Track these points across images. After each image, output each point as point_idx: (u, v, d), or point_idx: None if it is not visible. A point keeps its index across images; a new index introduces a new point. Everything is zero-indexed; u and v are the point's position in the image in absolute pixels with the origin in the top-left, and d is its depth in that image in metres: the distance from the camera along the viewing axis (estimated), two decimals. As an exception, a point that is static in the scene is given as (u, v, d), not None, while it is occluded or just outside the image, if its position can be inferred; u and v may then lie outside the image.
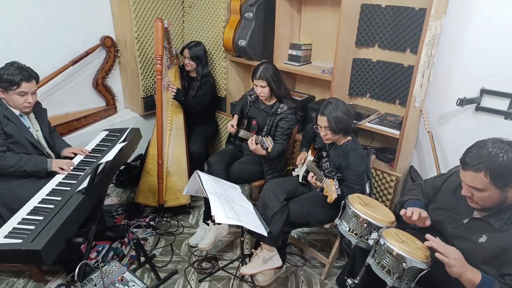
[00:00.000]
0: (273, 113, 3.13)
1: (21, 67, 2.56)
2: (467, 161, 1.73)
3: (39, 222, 2.05)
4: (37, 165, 2.60)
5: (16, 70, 2.52)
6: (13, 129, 2.58)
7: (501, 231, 1.75)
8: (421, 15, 2.79)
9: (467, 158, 1.74)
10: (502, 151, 1.66)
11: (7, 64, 2.56)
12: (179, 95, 3.56)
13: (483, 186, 1.71)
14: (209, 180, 2.50)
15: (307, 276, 2.98)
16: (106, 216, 3.33)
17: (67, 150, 2.91)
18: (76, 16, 3.62)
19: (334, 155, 2.69)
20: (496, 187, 1.69)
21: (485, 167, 1.67)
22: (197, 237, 3.21)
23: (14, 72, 2.51)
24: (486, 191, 1.71)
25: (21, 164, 2.54)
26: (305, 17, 3.57)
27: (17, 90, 2.52)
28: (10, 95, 2.54)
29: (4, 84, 2.51)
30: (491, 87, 2.81)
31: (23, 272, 2.86)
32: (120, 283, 2.10)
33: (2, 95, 2.57)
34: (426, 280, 1.79)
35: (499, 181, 1.67)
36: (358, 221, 2.05)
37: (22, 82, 2.52)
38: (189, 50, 3.63)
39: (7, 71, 2.51)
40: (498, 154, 1.65)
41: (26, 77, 2.55)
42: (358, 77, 3.30)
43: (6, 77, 2.50)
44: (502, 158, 1.64)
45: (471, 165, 1.71)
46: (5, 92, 2.54)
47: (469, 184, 1.76)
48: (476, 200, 1.78)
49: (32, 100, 2.62)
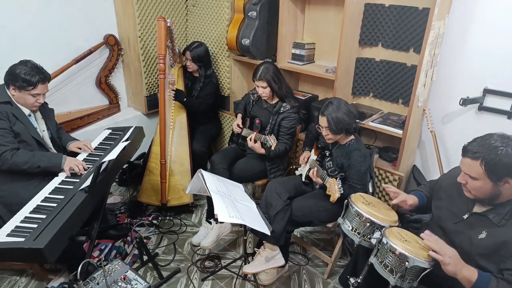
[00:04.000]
0: (276, 112, 3.13)
1: (36, 67, 2.54)
2: (468, 148, 1.78)
3: (42, 220, 2.05)
4: (51, 160, 2.55)
5: (33, 70, 2.50)
6: (20, 128, 2.56)
7: (500, 226, 1.77)
8: (424, 14, 2.79)
9: (469, 145, 1.79)
10: (503, 145, 1.68)
11: (22, 62, 2.53)
12: (179, 96, 3.56)
13: (477, 175, 1.74)
14: (212, 179, 2.50)
15: (310, 275, 2.97)
16: (109, 215, 3.34)
17: (73, 144, 2.89)
18: (79, 14, 3.62)
19: (337, 154, 2.68)
20: (489, 179, 1.71)
21: (481, 156, 1.70)
22: (200, 236, 3.21)
23: (31, 72, 2.48)
24: (479, 181, 1.74)
25: (35, 160, 2.51)
26: (309, 16, 3.57)
27: (32, 91, 2.51)
28: (23, 94, 2.51)
29: (20, 83, 2.48)
30: (494, 87, 2.80)
31: (26, 270, 2.87)
32: (123, 281, 2.09)
33: (14, 93, 2.54)
34: (429, 279, 1.79)
35: (493, 173, 1.70)
36: (361, 220, 2.05)
37: (38, 84, 2.51)
38: (191, 52, 3.62)
39: (24, 70, 2.47)
40: (498, 147, 1.68)
41: (43, 79, 2.53)
42: (361, 77, 3.30)
43: (23, 76, 2.47)
44: (500, 151, 1.67)
45: (470, 152, 1.75)
46: (18, 90, 2.51)
47: (465, 171, 1.80)
48: (469, 189, 1.81)
49: (42, 100, 2.61)
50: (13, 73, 2.49)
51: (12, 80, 2.50)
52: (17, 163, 2.48)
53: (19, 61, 2.55)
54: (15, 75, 2.48)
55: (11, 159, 2.46)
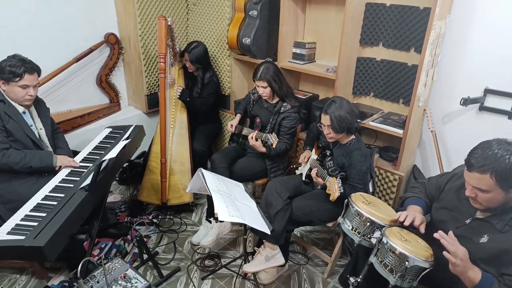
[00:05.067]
0: (276, 111, 3.12)
1: (23, 59, 2.54)
2: (472, 162, 1.72)
3: (42, 218, 2.05)
4: (43, 160, 2.56)
5: (19, 62, 2.50)
6: (13, 126, 2.55)
7: (503, 232, 1.75)
8: (425, 14, 2.79)
9: (472, 159, 1.72)
10: (508, 152, 1.65)
11: (9, 56, 2.54)
12: (184, 95, 3.56)
13: (488, 188, 1.69)
14: (213, 178, 2.50)
15: (310, 274, 2.97)
16: (109, 213, 3.34)
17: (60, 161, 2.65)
18: (80, 13, 3.62)
19: (338, 154, 2.68)
20: (501, 189, 1.68)
21: (491, 168, 1.65)
22: (200, 235, 3.21)
23: (16, 63, 2.49)
24: (491, 193, 1.70)
25: (26, 160, 2.51)
26: (310, 16, 3.57)
27: (19, 82, 2.50)
28: (12, 87, 2.51)
29: (6, 75, 2.48)
30: (495, 87, 2.80)
31: (26, 268, 2.88)
32: (123, 280, 2.10)
33: (4, 87, 2.54)
34: (429, 279, 1.79)
35: (505, 182, 1.66)
36: (361, 219, 2.05)
37: (25, 74, 2.50)
38: (189, 54, 3.61)
39: (9, 62, 2.48)
40: (504, 156, 1.64)
41: (29, 69, 2.52)
42: (362, 76, 3.29)
43: (9, 68, 2.47)
44: (508, 160, 1.63)
45: (476, 166, 1.69)
46: (6, 83, 2.51)
47: (474, 185, 1.74)
48: (480, 201, 1.77)
49: (33, 93, 2.59)
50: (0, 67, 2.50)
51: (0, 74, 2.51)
52: (8, 163, 2.48)
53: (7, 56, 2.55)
54: (1, 68, 2.49)
55: (2, 160, 2.46)
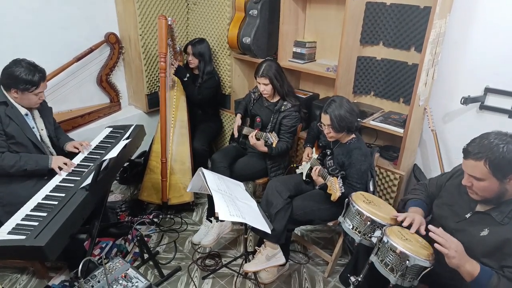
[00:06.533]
0: (277, 110, 3.12)
1: (31, 64, 2.51)
2: (468, 149, 1.77)
3: (43, 218, 2.05)
4: (38, 163, 2.55)
5: (31, 68, 2.46)
6: (15, 129, 2.52)
7: (503, 224, 1.76)
8: (426, 13, 2.78)
9: (469, 147, 1.77)
10: (504, 142, 1.68)
11: (15, 62, 2.48)
12: (180, 72, 3.56)
13: (482, 176, 1.73)
14: (213, 177, 2.50)
15: (310, 273, 2.98)
16: (110, 213, 3.35)
17: (70, 144, 2.86)
18: (80, 12, 3.62)
19: (338, 153, 2.68)
20: (495, 178, 1.71)
21: (485, 156, 1.69)
22: (200, 234, 3.21)
23: (29, 72, 2.45)
24: (485, 181, 1.73)
25: (21, 164, 2.49)
26: (310, 15, 3.56)
27: (36, 91, 2.49)
28: (27, 95, 2.49)
29: (22, 85, 2.44)
30: (495, 86, 2.80)
31: (27, 268, 2.88)
32: (124, 279, 2.10)
33: (16, 95, 2.49)
34: (430, 277, 1.79)
35: (498, 171, 1.69)
36: (362, 219, 2.05)
37: (40, 83, 2.50)
38: (193, 46, 3.64)
39: (21, 70, 2.43)
40: (498, 145, 1.68)
41: (43, 77, 2.52)
42: (362, 75, 3.29)
43: (25, 77, 2.43)
44: (502, 149, 1.67)
45: (472, 153, 1.74)
46: (20, 92, 2.48)
47: (469, 173, 1.78)
48: (476, 190, 1.80)
49: (44, 97, 2.61)
50: (12, 76, 2.45)
51: (14, 84, 2.46)
52: (3, 166, 2.47)
53: (12, 61, 2.50)
54: (15, 78, 2.44)
55: None
